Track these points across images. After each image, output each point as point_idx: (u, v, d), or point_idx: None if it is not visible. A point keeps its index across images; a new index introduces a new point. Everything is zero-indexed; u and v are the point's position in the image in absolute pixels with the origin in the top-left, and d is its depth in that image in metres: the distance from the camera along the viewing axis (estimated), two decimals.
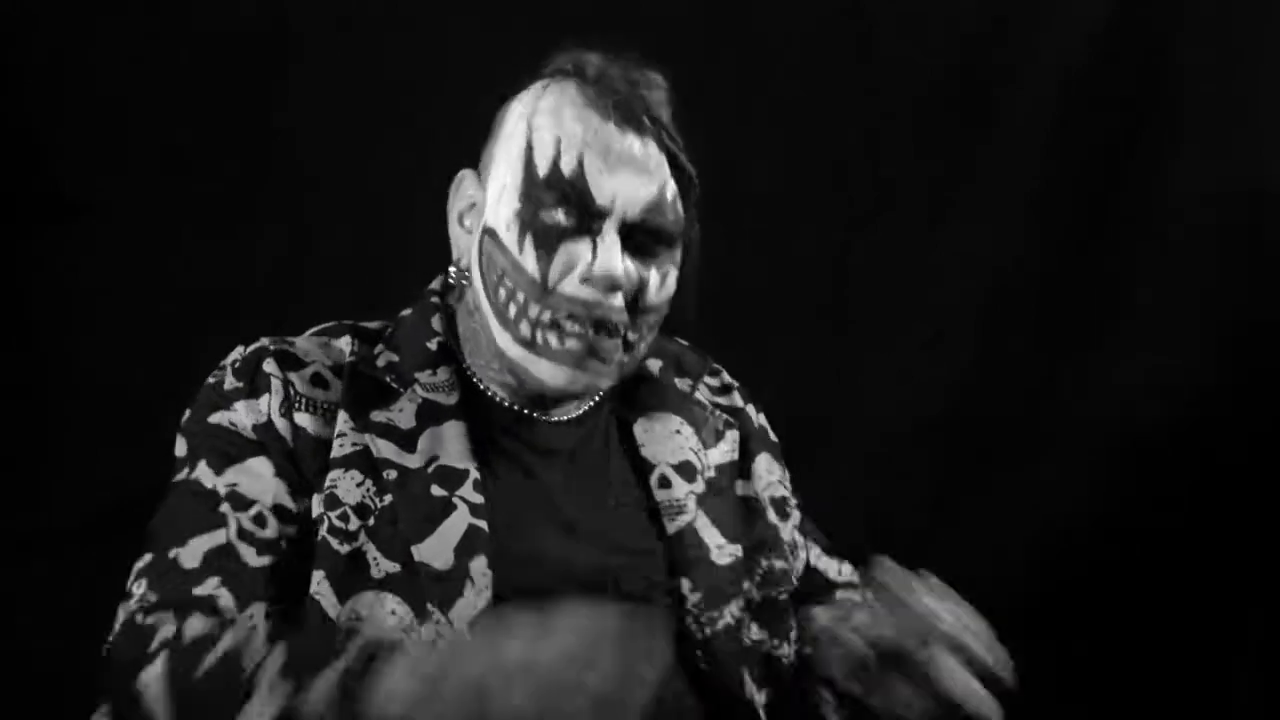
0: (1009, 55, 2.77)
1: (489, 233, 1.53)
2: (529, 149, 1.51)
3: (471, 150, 2.57)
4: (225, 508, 1.45)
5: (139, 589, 1.44)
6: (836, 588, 1.73)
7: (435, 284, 1.65)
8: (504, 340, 1.52)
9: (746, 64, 2.65)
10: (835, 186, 2.73)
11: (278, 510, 1.46)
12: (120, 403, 2.47)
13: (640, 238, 1.51)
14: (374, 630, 1.37)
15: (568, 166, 1.49)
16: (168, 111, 2.50)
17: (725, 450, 1.67)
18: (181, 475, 1.50)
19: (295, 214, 2.55)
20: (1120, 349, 2.77)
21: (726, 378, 1.75)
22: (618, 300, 1.50)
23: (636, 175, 1.50)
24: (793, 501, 1.72)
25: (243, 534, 1.45)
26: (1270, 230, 2.79)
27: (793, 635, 1.64)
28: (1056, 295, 2.79)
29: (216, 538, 1.44)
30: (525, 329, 1.50)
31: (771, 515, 1.67)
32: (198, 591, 1.42)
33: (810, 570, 1.72)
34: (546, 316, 1.49)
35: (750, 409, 1.73)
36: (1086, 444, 2.76)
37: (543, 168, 1.50)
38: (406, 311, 1.62)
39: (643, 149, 1.51)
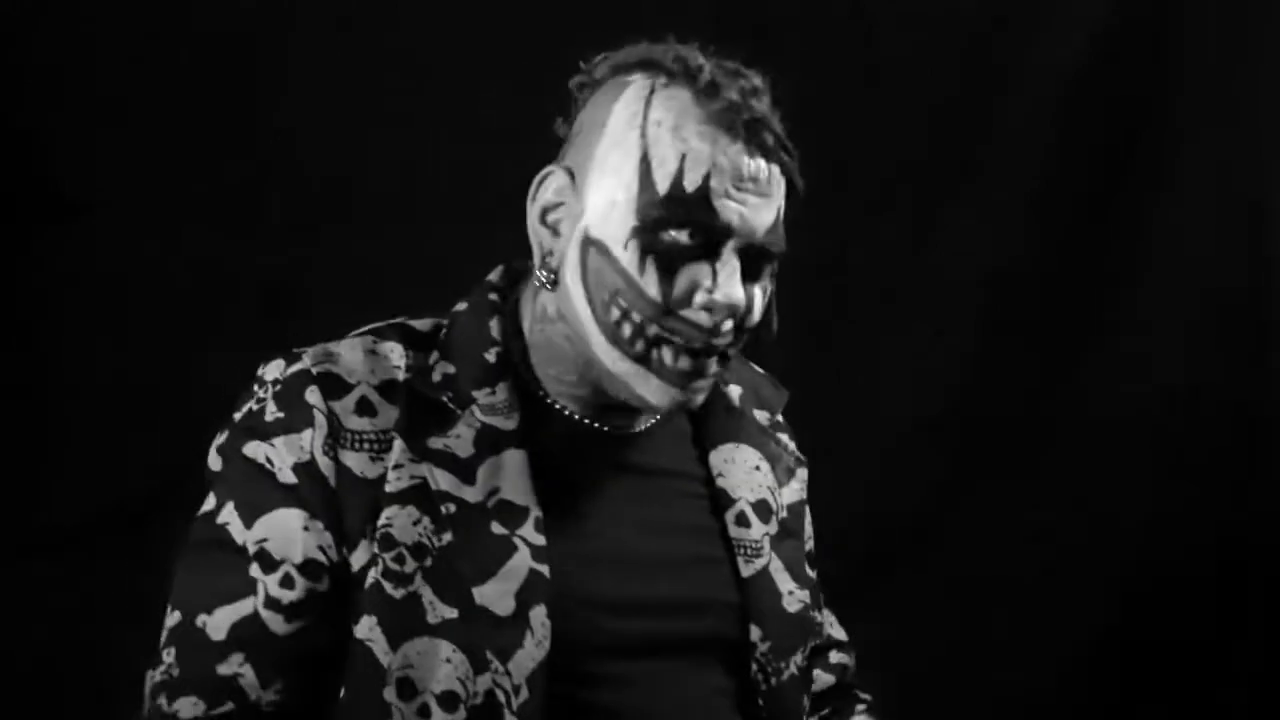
0: (1009, 55, 2.77)
1: (595, 245, 1.43)
2: (646, 162, 1.42)
3: (472, 151, 2.58)
4: (255, 570, 1.39)
5: (168, 657, 1.40)
6: (831, 647, 1.70)
7: (494, 276, 1.55)
8: (610, 356, 1.44)
9: (746, 63, 2.64)
10: (835, 186, 2.72)
11: (306, 567, 1.39)
12: (120, 403, 2.47)
13: (753, 258, 1.45)
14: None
15: (692, 185, 1.41)
16: (168, 111, 2.50)
17: (796, 489, 1.62)
18: (209, 508, 1.43)
19: (295, 214, 2.55)
20: (1120, 349, 2.77)
21: (781, 417, 1.69)
22: (729, 324, 1.44)
23: (760, 198, 1.44)
24: (810, 546, 1.68)
25: (270, 602, 1.39)
26: (1270, 230, 2.79)
27: (812, 687, 1.61)
28: (1056, 295, 2.79)
29: (243, 608, 1.38)
30: (641, 347, 1.43)
31: (809, 566, 1.63)
32: (221, 670, 1.37)
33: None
34: (663, 335, 1.42)
35: (800, 456, 1.68)
36: (1086, 444, 2.76)
37: (663, 185, 1.41)
38: (460, 307, 1.53)
39: (767, 171, 1.46)
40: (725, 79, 1.45)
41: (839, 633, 1.72)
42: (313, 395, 1.42)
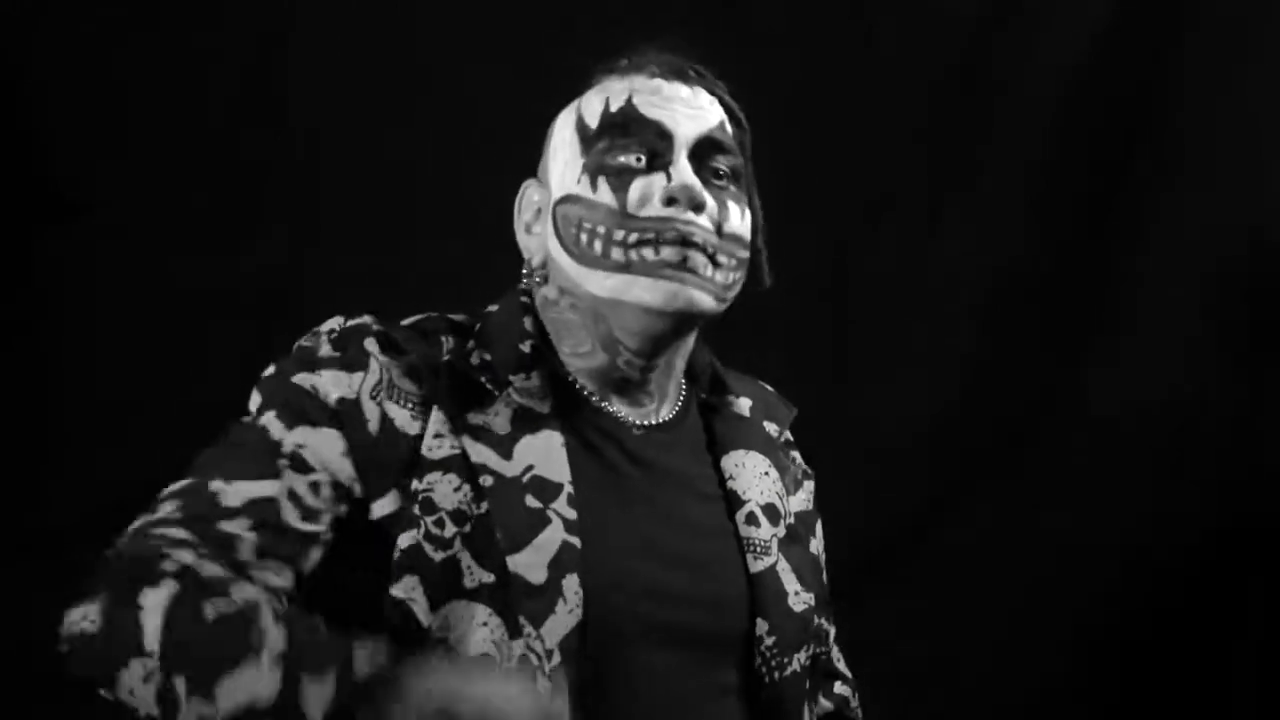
0: (1010, 55, 2.77)
1: (559, 203, 1.51)
2: (581, 121, 1.52)
3: (474, 155, 2.59)
4: (283, 464, 1.41)
5: (166, 507, 1.39)
6: (838, 677, 1.71)
7: (525, 282, 1.59)
8: (596, 281, 1.48)
9: (747, 63, 2.64)
10: (836, 186, 2.73)
11: (336, 486, 1.41)
12: (120, 403, 2.47)
13: (708, 173, 1.50)
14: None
15: (618, 107, 1.50)
16: (168, 112, 2.50)
17: (803, 499, 1.65)
18: (247, 417, 1.46)
19: (296, 214, 2.55)
20: (1120, 349, 2.77)
21: (790, 436, 1.71)
22: (703, 219, 1.48)
23: (689, 109, 1.51)
24: (825, 577, 1.69)
25: (293, 495, 1.40)
26: (1271, 230, 2.79)
27: (819, 695, 1.63)
28: (1057, 296, 2.79)
29: (264, 488, 1.40)
30: (618, 254, 1.47)
31: (824, 576, 1.66)
32: (225, 527, 1.38)
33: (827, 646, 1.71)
34: (634, 238, 1.47)
35: (808, 470, 1.72)
36: (1087, 444, 2.76)
37: (595, 121, 1.51)
38: (493, 307, 1.57)
39: (691, 93, 1.52)
40: (643, 55, 1.55)
41: (847, 671, 1.73)
42: (371, 344, 1.46)
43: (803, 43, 2.71)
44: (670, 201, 1.47)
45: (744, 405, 1.64)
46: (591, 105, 1.52)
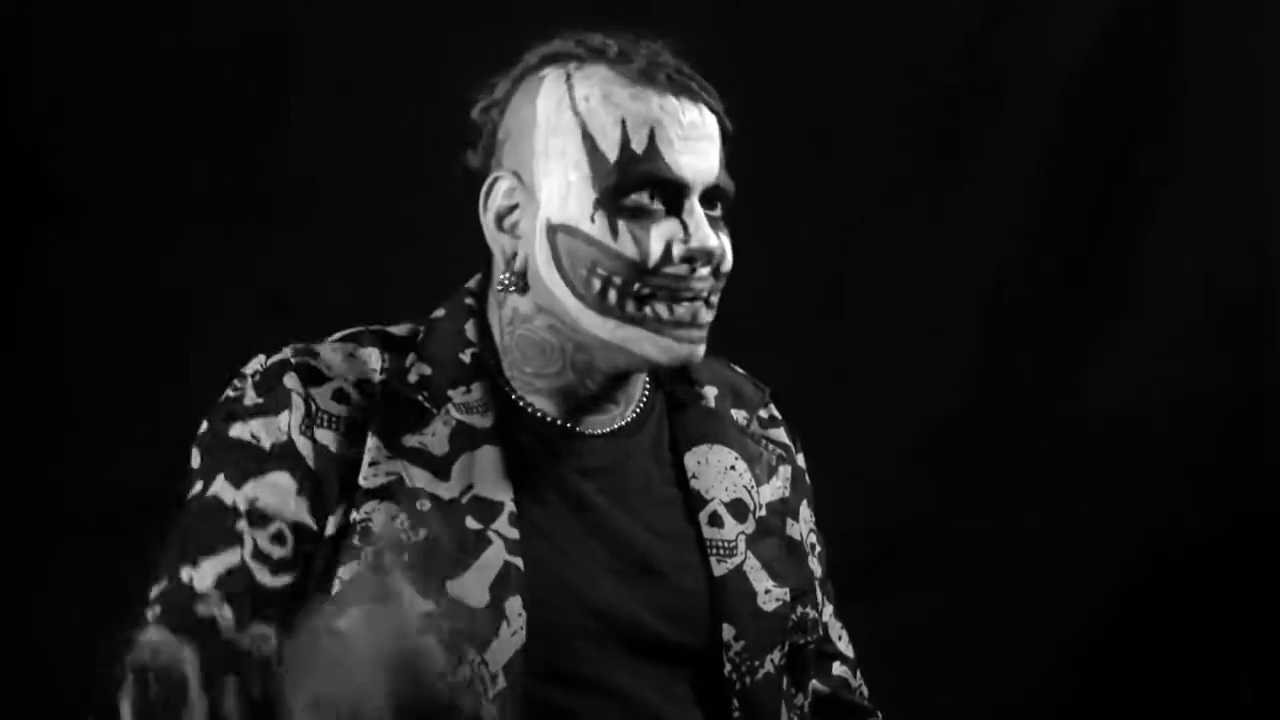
0: (1010, 55, 2.77)
1: (561, 229, 1.46)
2: (589, 137, 1.46)
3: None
4: (242, 525, 1.40)
5: (149, 614, 1.40)
6: (835, 658, 1.68)
7: (472, 283, 1.58)
8: (607, 328, 1.46)
9: (747, 64, 2.65)
10: (835, 186, 2.73)
11: (296, 529, 1.41)
12: (120, 403, 2.47)
13: (708, 205, 1.49)
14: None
15: (640, 145, 1.45)
16: (168, 111, 2.50)
17: (777, 487, 1.61)
18: (196, 490, 1.45)
19: (296, 214, 2.55)
20: (1121, 348, 2.77)
21: (775, 410, 1.69)
22: (707, 270, 1.47)
23: (705, 142, 1.48)
24: (820, 550, 1.67)
25: (258, 554, 1.40)
26: (1273, 230, 2.79)
27: (810, 687, 1.61)
28: (1057, 296, 2.79)
29: (230, 559, 1.39)
30: (632, 306, 1.45)
31: (811, 561, 1.63)
32: (201, 611, 1.37)
33: (823, 627, 1.67)
34: (647, 291, 1.45)
35: (794, 446, 1.68)
36: (1087, 443, 2.76)
37: (612, 153, 1.45)
38: (438, 313, 1.56)
39: (700, 117, 1.49)
40: (629, 45, 1.50)
41: (847, 649, 1.71)
42: (290, 380, 1.45)
43: (804, 41, 2.71)
44: (688, 259, 1.45)
45: (709, 395, 1.61)
46: (604, 125, 1.46)
